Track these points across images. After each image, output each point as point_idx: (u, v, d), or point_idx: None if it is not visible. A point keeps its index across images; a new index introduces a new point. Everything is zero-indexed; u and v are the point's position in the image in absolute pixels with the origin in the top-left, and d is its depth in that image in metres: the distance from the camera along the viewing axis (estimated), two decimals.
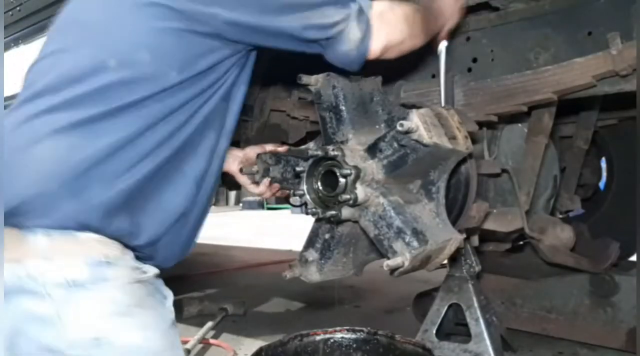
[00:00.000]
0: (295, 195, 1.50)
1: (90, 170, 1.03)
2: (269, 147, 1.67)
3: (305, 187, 1.45)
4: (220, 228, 8.71)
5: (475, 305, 1.99)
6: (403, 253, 1.26)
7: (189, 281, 4.23)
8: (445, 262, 1.67)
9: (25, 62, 1.18)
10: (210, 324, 2.87)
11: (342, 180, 1.35)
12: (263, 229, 9.16)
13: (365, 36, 1.22)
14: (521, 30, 1.78)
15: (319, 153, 1.41)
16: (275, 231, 8.56)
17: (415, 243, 1.27)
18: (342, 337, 1.65)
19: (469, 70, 1.88)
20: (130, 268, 1.10)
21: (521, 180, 1.99)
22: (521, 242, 2.61)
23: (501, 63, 1.82)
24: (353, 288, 3.87)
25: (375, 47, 1.25)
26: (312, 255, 1.57)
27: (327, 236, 1.55)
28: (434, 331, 2.04)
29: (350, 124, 1.47)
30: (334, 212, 1.37)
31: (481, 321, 1.96)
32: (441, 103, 1.64)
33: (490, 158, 1.94)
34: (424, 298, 2.61)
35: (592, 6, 1.65)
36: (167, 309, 1.18)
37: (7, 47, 2.94)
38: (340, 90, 1.46)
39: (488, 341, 1.93)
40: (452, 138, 1.28)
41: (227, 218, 11.11)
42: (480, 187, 1.87)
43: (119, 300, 1.06)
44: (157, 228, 1.16)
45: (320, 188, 1.45)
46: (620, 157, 3.12)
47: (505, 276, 2.63)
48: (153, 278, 1.16)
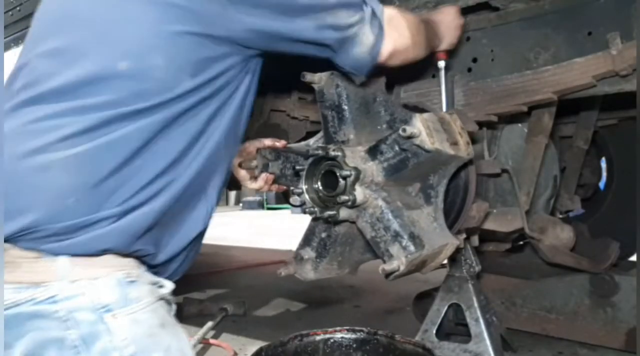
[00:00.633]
0: (294, 194, 1.49)
1: (106, 183, 0.98)
2: (268, 142, 1.66)
3: (304, 185, 1.45)
4: (220, 228, 8.70)
5: (475, 305, 1.99)
6: (399, 257, 1.26)
7: (189, 281, 4.22)
8: (445, 261, 1.67)
9: None
10: (210, 324, 2.87)
11: (342, 182, 1.35)
12: (263, 229, 9.16)
13: (377, 40, 1.22)
14: (521, 30, 1.78)
15: (319, 152, 1.41)
16: (275, 231, 8.56)
17: (412, 248, 1.27)
18: (342, 337, 1.65)
19: (469, 70, 1.88)
20: (150, 284, 1.08)
21: (521, 180, 1.99)
22: (521, 242, 2.61)
23: (501, 63, 1.81)
24: (353, 288, 3.87)
25: (385, 51, 1.24)
26: (308, 253, 1.57)
27: (324, 235, 1.55)
28: (434, 331, 2.04)
29: (352, 124, 1.46)
30: (331, 212, 1.37)
31: (481, 321, 1.96)
32: (442, 109, 1.64)
33: (490, 158, 1.94)
34: (424, 298, 2.62)
35: (592, 6, 1.65)
36: (176, 321, 1.16)
37: (7, 47, 2.94)
38: (343, 89, 1.46)
39: (488, 341, 1.93)
40: (454, 143, 1.28)
41: (227, 218, 11.11)
42: (480, 187, 1.87)
43: (144, 321, 1.03)
44: (177, 247, 1.14)
45: (319, 187, 1.44)
46: (620, 157, 3.12)
47: (505, 276, 2.63)
48: (169, 293, 1.14)
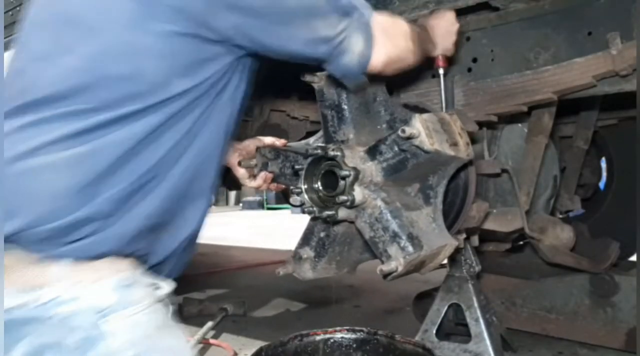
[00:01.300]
0: (293, 193, 1.49)
1: (97, 185, 0.98)
2: (268, 140, 1.66)
3: (303, 185, 1.45)
4: (220, 228, 8.70)
5: (475, 305, 1.99)
6: (397, 258, 1.26)
7: (189, 281, 4.23)
8: (445, 261, 1.67)
9: None
10: (210, 324, 2.87)
11: (341, 182, 1.35)
12: (263, 229, 9.16)
13: (366, 47, 1.18)
14: (521, 30, 1.78)
15: (319, 152, 1.41)
16: (275, 231, 8.56)
17: (410, 249, 1.27)
18: (342, 337, 1.65)
19: (469, 70, 1.88)
20: (148, 286, 1.08)
21: (521, 180, 1.99)
22: (521, 242, 2.61)
23: (501, 63, 1.82)
24: (353, 288, 3.87)
25: (377, 60, 1.20)
26: (307, 252, 1.57)
27: (323, 234, 1.55)
28: (434, 331, 2.04)
29: (351, 124, 1.46)
30: (330, 212, 1.37)
31: (481, 321, 1.96)
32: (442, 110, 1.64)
33: (490, 158, 1.94)
34: (424, 298, 2.62)
35: (592, 6, 1.65)
36: (175, 322, 1.16)
37: (7, 47, 2.93)
38: (343, 89, 1.45)
39: (488, 341, 1.93)
40: (454, 144, 1.27)
41: (227, 218, 11.11)
42: (480, 187, 1.87)
43: (143, 323, 1.03)
44: (172, 246, 1.14)
45: (318, 187, 1.44)
46: (620, 157, 3.12)
47: (505, 276, 2.63)
48: (167, 295, 1.13)
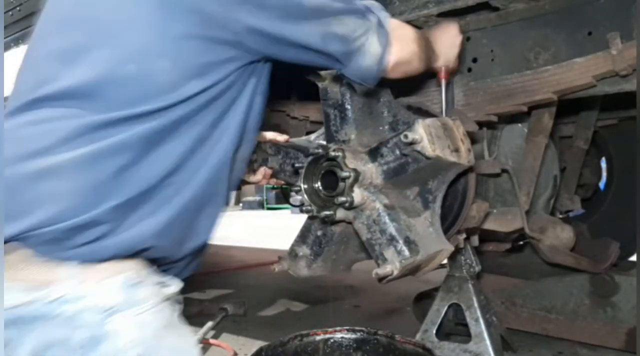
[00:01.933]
0: (292, 191, 1.50)
1: (106, 186, 0.97)
2: (270, 135, 1.65)
3: (302, 184, 1.45)
4: (221, 228, 8.68)
5: (475, 305, 1.99)
6: (393, 262, 1.27)
7: (189, 281, 4.22)
8: (445, 261, 1.67)
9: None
10: (210, 324, 2.87)
11: (341, 183, 1.35)
12: (263, 229, 9.16)
13: (384, 50, 1.19)
14: (521, 30, 1.78)
15: (320, 151, 1.41)
16: (275, 231, 8.56)
17: (407, 253, 1.28)
18: (342, 337, 1.65)
19: (469, 70, 1.88)
20: (155, 284, 1.08)
21: (521, 180, 1.99)
22: (521, 242, 2.61)
23: (501, 63, 1.81)
24: (353, 288, 3.86)
25: (390, 62, 1.21)
26: (303, 250, 1.57)
27: (320, 233, 1.55)
28: (434, 331, 2.04)
29: (354, 124, 1.46)
30: (328, 212, 1.37)
31: (481, 321, 1.96)
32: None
33: (490, 158, 1.94)
34: (424, 298, 2.61)
35: (592, 6, 1.65)
36: (182, 321, 1.16)
37: (7, 47, 2.94)
38: (347, 88, 1.45)
39: (488, 341, 1.93)
40: (455, 150, 1.27)
41: (227, 218, 11.06)
42: (480, 187, 1.87)
43: (150, 322, 1.03)
44: (184, 253, 1.15)
45: (317, 187, 1.44)
46: (620, 157, 3.11)
47: (505, 276, 2.62)
48: (175, 293, 1.14)
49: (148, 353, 1.01)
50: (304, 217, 1.52)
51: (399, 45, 1.22)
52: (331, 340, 1.64)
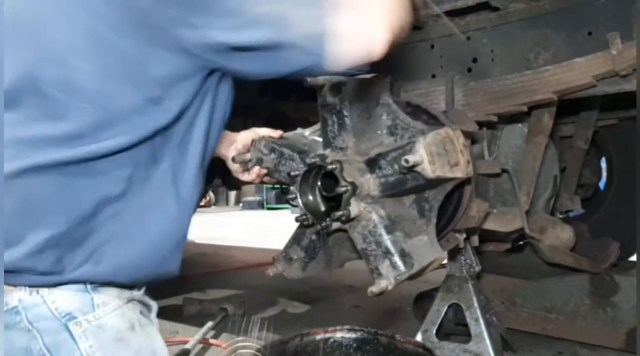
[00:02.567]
0: (285, 194, 1.49)
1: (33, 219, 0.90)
2: (264, 131, 1.62)
3: (298, 192, 1.44)
4: (221, 228, 8.70)
5: (475, 305, 1.99)
6: (388, 277, 1.28)
7: (189, 281, 4.23)
8: (445, 261, 1.67)
9: None
10: (210, 324, 2.87)
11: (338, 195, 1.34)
12: (263, 229, 9.16)
13: (360, 24, 0.90)
14: (521, 30, 1.78)
15: (317, 161, 1.40)
16: (275, 231, 8.56)
17: (402, 268, 1.29)
18: (342, 337, 1.64)
19: (469, 70, 1.88)
20: (118, 286, 1.03)
21: (521, 180, 1.99)
22: (521, 242, 2.61)
23: (501, 63, 1.82)
24: (353, 288, 3.86)
25: (378, 38, 0.89)
26: (297, 253, 1.57)
27: (314, 237, 1.54)
28: (434, 331, 2.04)
29: (352, 131, 1.42)
30: (324, 224, 1.37)
31: (481, 321, 1.96)
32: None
33: (490, 158, 1.94)
34: (424, 298, 2.61)
35: (592, 6, 1.65)
36: (154, 323, 1.12)
37: None
38: (346, 95, 1.41)
39: (488, 341, 1.93)
40: (455, 165, 1.27)
41: (227, 218, 11.10)
42: (480, 187, 1.87)
43: (112, 326, 0.99)
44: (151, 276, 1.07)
45: (312, 199, 1.44)
46: (620, 157, 3.11)
47: (505, 276, 2.62)
48: (141, 294, 1.10)
49: None
50: None
51: (382, 12, 0.89)
52: (331, 340, 1.64)
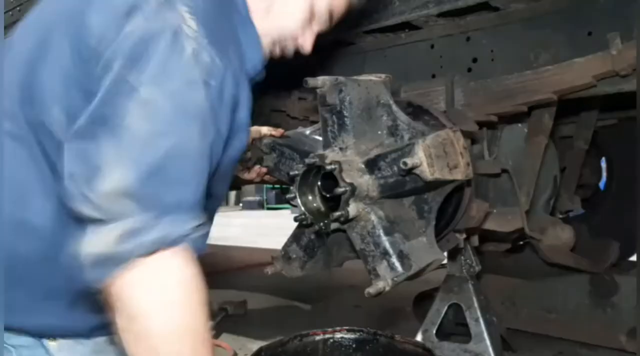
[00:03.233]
0: (285, 193, 1.49)
1: None
2: (265, 130, 1.63)
3: (297, 192, 1.44)
4: (220, 228, 8.69)
5: (475, 305, 1.99)
6: (385, 279, 1.28)
7: None
8: (445, 261, 1.66)
9: None
10: (210, 324, 2.87)
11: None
12: (263, 229, 9.16)
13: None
14: (521, 30, 1.78)
15: (316, 161, 1.40)
16: (275, 231, 8.56)
17: (399, 269, 1.28)
18: (342, 337, 1.64)
19: (469, 70, 1.88)
20: None
21: (521, 180, 1.99)
22: (521, 242, 2.61)
23: (501, 63, 1.81)
24: (353, 288, 3.86)
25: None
26: (296, 252, 1.57)
27: (313, 236, 1.54)
28: (434, 331, 2.04)
29: (352, 132, 1.42)
30: (323, 224, 1.37)
31: (481, 321, 1.96)
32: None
33: (490, 158, 1.94)
34: (424, 298, 2.62)
35: (592, 6, 1.65)
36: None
37: None
38: (346, 95, 1.40)
39: (488, 341, 1.93)
40: (454, 167, 1.26)
41: (227, 219, 11.10)
42: (480, 187, 1.87)
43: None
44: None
45: (314, 196, 1.44)
46: (620, 157, 3.12)
47: (505, 277, 2.63)
48: None
49: None
50: None
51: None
52: (331, 340, 1.64)
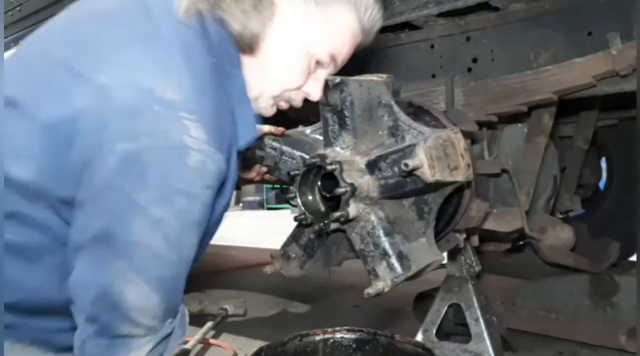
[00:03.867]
0: (285, 193, 1.50)
1: None
2: (265, 128, 1.62)
3: (297, 191, 1.44)
4: (220, 228, 8.68)
5: (475, 305, 1.99)
6: (385, 279, 1.28)
7: (189, 281, 4.22)
8: (445, 261, 1.66)
9: None
10: (210, 324, 2.87)
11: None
12: (263, 229, 9.15)
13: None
14: (521, 30, 1.78)
15: (317, 161, 1.40)
16: (275, 231, 8.55)
17: (399, 270, 1.29)
18: (342, 337, 1.64)
19: (469, 70, 1.88)
20: None
21: (521, 180, 1.99)
22: (521, 242, 2.61)
23: (501, 63, 1.81)
24: (353, 288, 3.86)
25: None
26: (295, 251, 1.57)
27: (312, 235, 1.54)
28: (434, 331, 2.04)
29: (353, 132, 1.42)
30: (322, 224, 1.37)
31: (481, 321, 1.96)
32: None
33: (490, 158, 1.94)
34: (424, 298, 2.61)
35: (592, 6, 1.65)
36: None
37: (7, 47, 2.94)
38: (347, 95, 1.41)
39: (488, 341, 1.93)
40: (455, 168, 1.26)
41: (227, 218, 11.06)
42: (480, 187, 1.87)
43: None
44: None
45: (314, 196, 1.44)
46: (620, 157, 3.11)
47: (505, 277, 2.62)
48: None
49: None
50: None
51: None
52: (331, 340, 1.64)
